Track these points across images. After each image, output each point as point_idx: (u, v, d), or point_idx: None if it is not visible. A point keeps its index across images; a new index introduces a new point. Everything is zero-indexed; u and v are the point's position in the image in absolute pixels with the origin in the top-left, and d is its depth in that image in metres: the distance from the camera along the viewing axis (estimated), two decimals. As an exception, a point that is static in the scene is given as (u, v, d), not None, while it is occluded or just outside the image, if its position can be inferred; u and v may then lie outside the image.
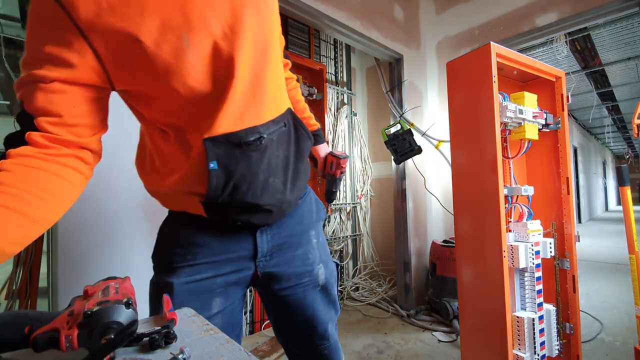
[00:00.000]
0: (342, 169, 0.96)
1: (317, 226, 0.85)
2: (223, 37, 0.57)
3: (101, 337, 0.39)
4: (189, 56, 0.55)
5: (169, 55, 0.54)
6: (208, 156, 0.58)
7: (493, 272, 1.26)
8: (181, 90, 0.56)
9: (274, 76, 0.66)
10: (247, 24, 0.59)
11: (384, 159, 3.25)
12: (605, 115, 7.77)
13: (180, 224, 0.72)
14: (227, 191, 0.61)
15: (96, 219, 1.37)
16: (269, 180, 0.65)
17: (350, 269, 3.19)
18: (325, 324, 0.81)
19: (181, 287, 0.66)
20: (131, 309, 0.42)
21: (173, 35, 0.53)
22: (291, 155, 0.69)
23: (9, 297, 1.31)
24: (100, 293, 0.44)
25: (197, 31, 0.55)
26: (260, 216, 0.68)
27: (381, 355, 1.96)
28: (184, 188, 0.64)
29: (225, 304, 0.71)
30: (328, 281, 0.83)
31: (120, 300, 0.42)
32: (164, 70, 0.54)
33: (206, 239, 0.69)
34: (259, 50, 0.62)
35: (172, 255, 0.69)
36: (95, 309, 0.40)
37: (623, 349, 1.90)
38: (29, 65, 0.51)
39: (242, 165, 0.61)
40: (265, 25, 0.63)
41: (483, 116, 1.30)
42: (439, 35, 2.89)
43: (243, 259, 0.72)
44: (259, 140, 0.62)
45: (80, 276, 1.31)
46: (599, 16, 2.02)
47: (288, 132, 0.69)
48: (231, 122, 0.59)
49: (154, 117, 0.63)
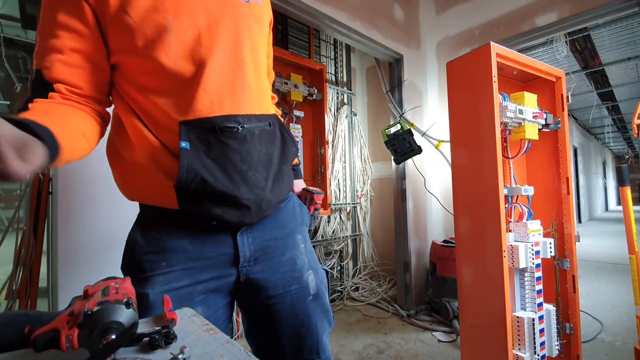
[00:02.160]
0: (317, 204, 0.92)
1: (303, 231, 0.82)
2: (207, 30, 0.63)
3: (102, 337, 0.39)
4: (169, 37, 0.59)
5: (151, 31, 0.59)
6: (180, 136, 0.59)
7: (493, 272, 1.26)
8: (158, 67, 0.60)
9: (258, 80, 0.71)
10: (235, 23, 0.66)
11: (384, 159, 3.25)
12: (605, 115, 7.77)
13: (151, 227, 0.67)
14: (200, 175, 0.60)
15: (96, 219, 1.37)
16: (248, 173, 0.64)
17: (350, 269, 3.18)
18: (315, 336, 0.74)
19: (157, 297, 0.61)
20: (131, 309, 0.42)
21: (159, 16, 0.59)
22: (275, 155, 0.69)
23: (9, 297, 1.31)
24: (100, 293, 0.44)
25: (182, 18, 0.61)
26: (235, 212, 0.64)
27: (381, 355, 1.96)
28: (155, 166, 0.62)
29: (208, 313, 0.66)
30: (319, 289, 0.77)
31: (121, 300, 0.42)
32: (144, 44, 0.59)
33: (180, 243, 0.65)
34: (244, 50, 0.67)
35: (143, 263, 0.64)
36: (96, 309, 0.40)
37: (623, 349, 1.90)
38: (45, 35, 0.57)
39: (216, 150, 0.61)
40: (254, 33, 0.70)
41: (483, 116, 1.30)
42: (439, 35, 2.89)
43: (223, 265, 0.68)
44: (236, 129, 0.62)
45: (80, 276, 1.31)
46: (599, 16, 2.02)
47: (273, 133, 0.70)
48: (207, 107, 0.61)
49: (134, 97, 0.64)
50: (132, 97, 0.64)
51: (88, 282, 0.50)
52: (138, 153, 0.64)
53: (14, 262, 1.33)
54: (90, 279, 1.45)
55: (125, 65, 0.63)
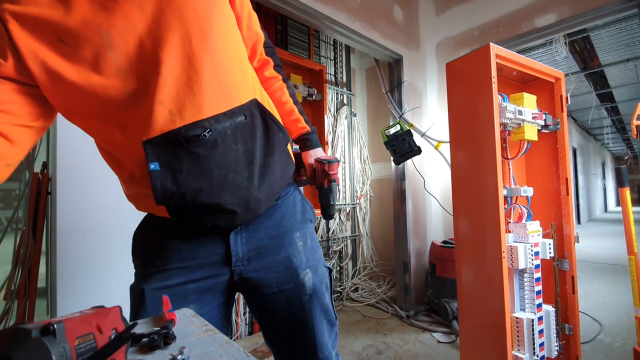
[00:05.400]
0: (330, 176, 0.80)
1: (304, 228, 0.78)
2: (148, 34, 0.55)
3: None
4: (112, 55, 0.53)
5: (90, 54, 0.53)
6: (147, 157, 0.56)
7: (492, 272, 1.26)
8: (109, 90, 0.54)
9: (222, 68, 0.61)
10: (176, 15, 0.56)
11: (383, 160, 3.25)
12: (604, 116, 7.78)
13: (150, 228, 0.71)
14: (178, 193, 0.58)
15: (95, 220, 1.37)
16: (227, 177, 0.60)
17: (350, 269, 3.18)
18: (313, 336, 0.73)
19: (151, 293, 0.64)
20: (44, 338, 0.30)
21: (93, 32, 0.53)
22: (257, 149, 0.64)
23: (7, 297, 1.31)
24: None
25: (118, 29, 0.54)
26: (225, 217, 0.63)
27: (380, 356, 1.96)
28: (138, 190, 0.64)
29: (201, 311, 0.67)
30: (317, 288, 0.74)
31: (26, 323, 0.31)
32: (87, 69, 0.53)
33: (176, 244, 0.68)
34: (194, 41, 0.57)
35: (145, 262, 0.69)
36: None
37: (622, 350, 1.90)
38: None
39: (188, 164, 0.58)
40: (200, 12, 0.58)
41: (482, 117, 1.30)
42: (438, 36, 2.90)
43: (215, 264, 0.68)
44: (202, 135, 0.57)
45: (79, 277, 1.31)
46: (598, 17, 2.03)
47: (251, 124, 0.64)
48: (167, 120, 0.56)
49: (89, 126, 0.60)
50: (88, 128, 0.61)
51: (87, 282, 0.49)
52: (122, 175, 0.66)
53: (12, 263, 1.33)
54: (89, 279, 1.45)
55: (71, 93, 0.56)
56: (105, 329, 0.38)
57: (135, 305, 0.66)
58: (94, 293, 1.33)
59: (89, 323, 0.36)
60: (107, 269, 1.37)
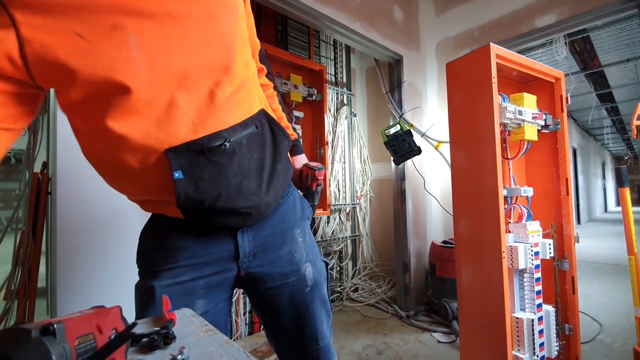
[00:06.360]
0: (318, 180, 0.92)
1: (303, 224, 0.83)
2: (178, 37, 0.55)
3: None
4: (136, 56, 0.50)
5: (114, 50, 0.49)
6: (171, 166, 0.57)
7: (492, 273, 1.26)
8: (130, 90, 0.51)
9: (237, 81, 0.63)
10: (201, 34, 0.56)
11: (383, 160, 3.25)
12: (604, 116, 7.78)
13: (160, 227, 0.72)
14: (198, 200, 0.60)
15: (95, 219, 1.37)
16: (242, 184, 0.63)
17: (350, 269, 3.18)
18: (314, 325, 0.79)
19: (162, 290, 0.66)
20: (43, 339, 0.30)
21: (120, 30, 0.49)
22: (267, 156, 0.67)
23: (7, 297, 1.31)
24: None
25: (147, 32, 0.52)
26: (237, 218, 0.67)
27: (380, 356, 1.95)
28: (155, 198, 0.65)
29: (209, 306, 0.71)
30: (317, 280, 0.80)
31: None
32: (107, 66, 0.49)
33: (186, 242, 0.69)
34: (217, 56, 0.58)
35: (153, 259, 0.70)
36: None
37: (622, 350, 1.90)
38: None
39: (210, 172, 0.60)
40: (227, 32, 0.60)
41: (482, 117, 1.30)
42: (438, 36, 2.90)
43: (224, 260, 0.71)
44: (224, 145, 0.60)
45: (79, 276, 1.31)
46: (598, 18, 2.03)
47: (261, 134, 0.67)
48: (190, 129, 0.57)
49: (103, 133, 0.54)
50: (104, 135, 0.56)
51: (87, 282, 0.49)
52: (135, 192, 0.66)
53: (12, 263, 1.33)
54: (89, 279, 1.45)
55: (83, 96, 0.52)
56: (105, 329, 0.38)
57: (144, 303, 0.67)
58: (94, 293, 1.33)
59: (89, 323, 0.36)
60: (107, 269, 1.37)
